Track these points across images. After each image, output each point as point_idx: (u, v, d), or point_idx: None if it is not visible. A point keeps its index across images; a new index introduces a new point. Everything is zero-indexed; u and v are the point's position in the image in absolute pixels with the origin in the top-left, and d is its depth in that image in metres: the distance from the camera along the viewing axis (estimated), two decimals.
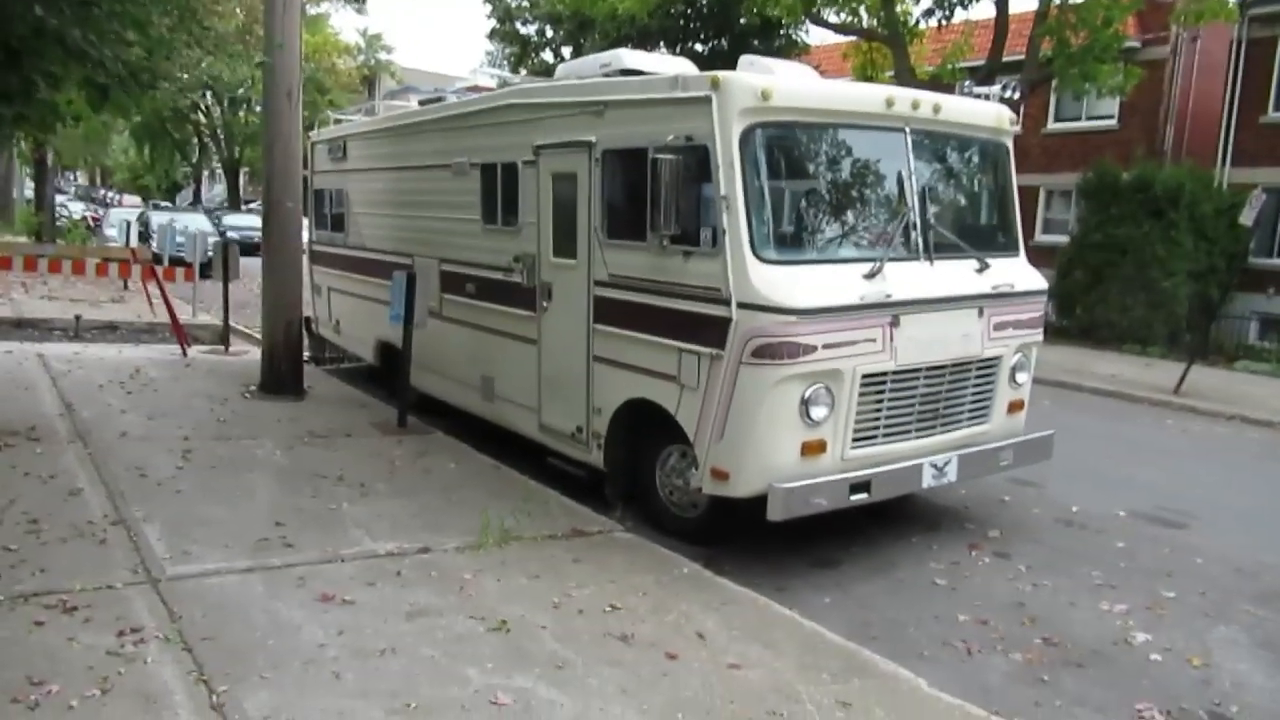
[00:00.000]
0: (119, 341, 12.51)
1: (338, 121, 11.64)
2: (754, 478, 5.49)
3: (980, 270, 6.31)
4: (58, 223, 26.45)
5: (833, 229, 6.02)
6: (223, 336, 11.87)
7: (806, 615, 5.00)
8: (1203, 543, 6.69)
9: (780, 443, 5.50)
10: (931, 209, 6.18)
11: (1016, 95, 14.68)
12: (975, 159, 6.71)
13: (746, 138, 5.45)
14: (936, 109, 6.15)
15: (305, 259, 11.45)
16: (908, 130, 6.02)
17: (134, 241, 18.13)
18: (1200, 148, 19.34)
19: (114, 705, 3.49)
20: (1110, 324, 17.47)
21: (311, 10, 37.01)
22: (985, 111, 6.64)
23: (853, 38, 20.24)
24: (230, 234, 21.54)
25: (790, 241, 5.84)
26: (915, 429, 6.08)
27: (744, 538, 6.05)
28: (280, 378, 9.35)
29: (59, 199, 40.52)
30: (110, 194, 57.47)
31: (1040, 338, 6.85)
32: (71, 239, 23.34)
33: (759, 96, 5.43)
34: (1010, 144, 6.84)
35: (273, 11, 9.09)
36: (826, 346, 5.44)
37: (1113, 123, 20.60)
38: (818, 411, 5.51)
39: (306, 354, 11.40)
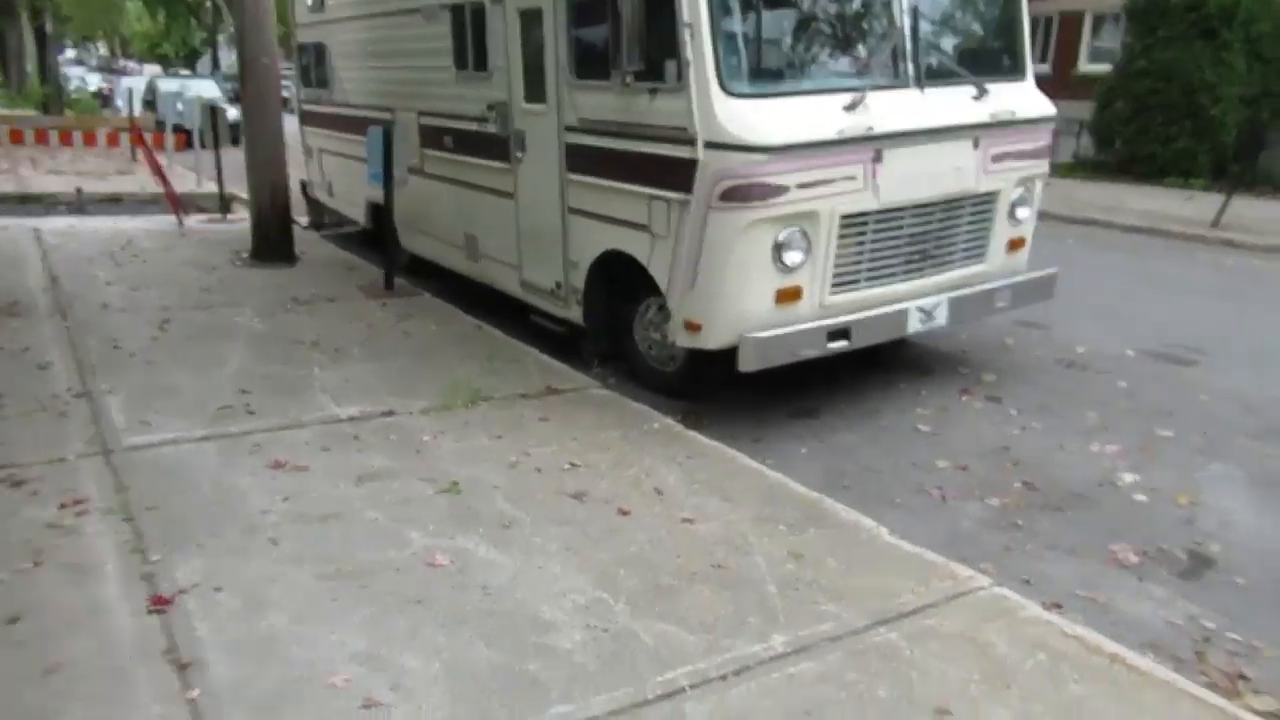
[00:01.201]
0: (121, 214, 12.38)
1: None
2: (726, 329, 5.25)
3: (978, 97, 5.80)
4: (71, 94, 26.10)
5: (810, 56, 5.53)
6: (221, 204, 11.69)
7: (780, 466, 4.86)
8: (1210, 380, 6.37)
9: (753, 291, 5.22)
10: (924, 29, 5.64)
11: None
12: None
13: None
14: None
15: (296, 120, 11.13)
16: None
17: (139, 111, 17.76)
18: None
19: (44, 577, 3.47)
20: (1152, 156, 16.52)
21: None
22: None
23: None
24: None
25: (761, 72, 5.37)
26: (902, 271, 5.75)
27: (727, 390, 5.87)
28: (271, 244, 9.16)
29: (78, 71, 39.90)
30: (130, 64, 56.51)
31: (1046, 170, 6.37)
32: (79, 110, 23.01)
33: None
34: None
35: None
36: (801, 186, 5.08)
37: None
38: (792, 257, 5.20)
39: (305, 220, 11.22)
